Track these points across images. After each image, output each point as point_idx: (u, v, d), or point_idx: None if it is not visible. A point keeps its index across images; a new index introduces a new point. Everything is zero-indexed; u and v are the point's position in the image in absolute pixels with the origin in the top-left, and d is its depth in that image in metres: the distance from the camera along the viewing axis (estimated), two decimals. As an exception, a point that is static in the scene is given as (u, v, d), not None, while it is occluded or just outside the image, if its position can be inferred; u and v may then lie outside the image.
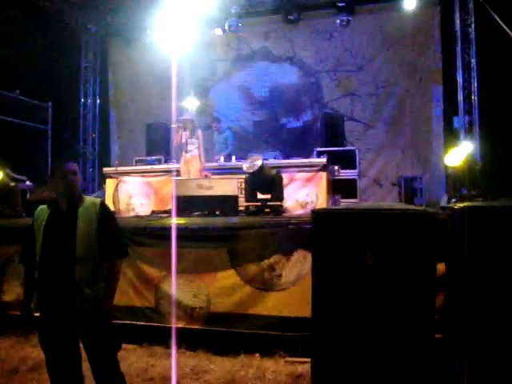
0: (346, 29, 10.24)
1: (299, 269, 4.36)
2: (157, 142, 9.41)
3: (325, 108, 10.15)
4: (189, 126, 7.31)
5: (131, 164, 8.83)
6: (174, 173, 7.51)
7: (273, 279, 4.43)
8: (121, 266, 2.92)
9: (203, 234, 4.72)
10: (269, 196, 6.06)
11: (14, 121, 9.91)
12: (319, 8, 10.57)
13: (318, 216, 2.63)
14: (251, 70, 11.21)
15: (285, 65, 10.95)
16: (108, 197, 7.85)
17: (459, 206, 2.49)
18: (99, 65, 12.31)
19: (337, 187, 7.54)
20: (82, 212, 2.77)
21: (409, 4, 9.59)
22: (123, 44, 11.38)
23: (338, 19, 10.04)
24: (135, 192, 7.84)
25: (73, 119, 11.83)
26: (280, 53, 10.95)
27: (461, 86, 9.65)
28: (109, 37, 11.93)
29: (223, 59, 11.32)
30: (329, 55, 10.63)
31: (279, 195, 6.18)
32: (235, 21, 10.44)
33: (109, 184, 8.04)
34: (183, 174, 7.31)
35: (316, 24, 10.63)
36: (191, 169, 7.28)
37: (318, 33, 10.64)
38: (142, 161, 8.65)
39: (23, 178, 7.90)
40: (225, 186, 6.15)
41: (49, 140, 10.79)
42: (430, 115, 9.93)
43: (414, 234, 2.41)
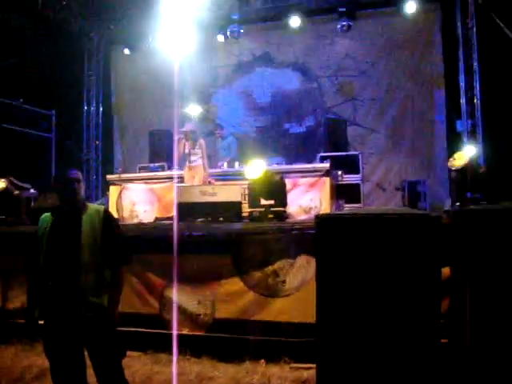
0: (348, 34, 10.24)
1: (303, 274, 4.35)
2: (160, 149, 9.41)
3: (327, 113, 10.15)
4: (190, 137, 7.29)
5: (134, 171, 8.84)
6: (177, 179, 7.52)
7: (277, 285, 4.43)
8: (125, 274, 2.93)
9: (207, 241, 4.72)
10: (272, 202, 6.05)
11: (18, 129, 9.97)
12: (320, 13, 10.60)
13: (322, 221, 2.63)
14: (253, 76, 11.22)
15: (287, 70, 10.97)
16: (111, 204, 7.85)
17: (463, 210, 2.49)
18: (102, 72, 12.36)
19: (340, 192, 7.52)
20: (86, 219, 2.78)
21: (410, 8, 9.61)
22: (126, 52, 11.42)
23: (339, 24, 10.06)
24: (139, 199, 7.84)
25: (76, 127, 11.87)
26: (282, 58, 10.97)
27: (463, 90, 9.63)
28: (111, 45, 12.00)
29: (225, 65, 11.35)
30: (330, 60, 10.64)
31: (283, 201, 6.17)
32: (237, 27, 10.46)
33: (112, 191, 8.04)
34: (187, 183, 7.29)
35: (317, 29, 10.64)
36: (195, 178, 7.26)
37: (320, 38, 10.65)
38: (145, 168, 8.65)
39: (27, 186, 7.90)
40: (228, 192, 6.14)
41: (53, 148, 10.84)
42: (433, 119, 9.90)
43: (419, 239, 2.41)
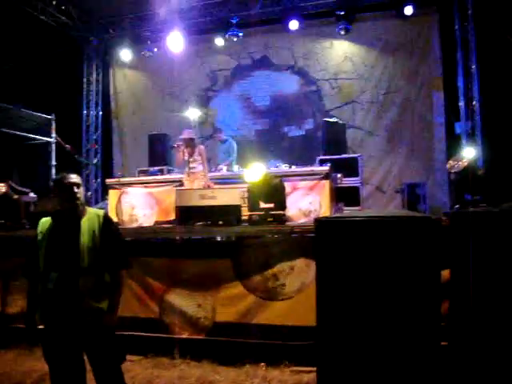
0: (346, 37, 10.30)
1: (303, 277, 4.35)
2: (159, 153, 9.39)
3: (326, 116, 10.15)
4: (189, 144, 7.26)
5: (134, 175, 8.83)
6: (177, 183, 7.52)
7: (277, 288, 4.42)
8: (125, 278, 2.93)
9: (206, 244, 4.72)
10: (272, 205, 6.05)
11: (18, 133, 9.96)
12: (319, 17, 10.63)
13: (321, 224, 2.63)
14: (252, 80, 11.26)
15: (286, 74, 10.99)
16: (111, 208, 7.84)
17: (462, 212, 2.49)
18: (101, 76, 12.40)
19: (340, 195, 7.51)
20: (86, 223, 2.78)
21: (408, 11, 9.64)
22: (125, 56, 11.45)
23: (338, 28, 10.10)
24: (138, 203, 7.82)
25: (75, 131, 11.89)
26: (281, 62, 11.00)
27: (462, 92, 9.66)
28: (110, 49, 12.02)
29: (224, 69, 11.38)
30: (329, 63, 10.68)
31: (282, 204, 6.16)
32: (236, 30, 10.50)
33: (112, 195, 8.02)
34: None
35: (316, 33, 10.68)
36: (195, 183, 7.23)
37: (319, 41, 10.70)
38: (145, 171, 8.63)
39: (27, 190, 7.89)
40: (227, 196, 6.12)
41: (52, 152, 10.84)
42: (432, 121, 9.92)
43: (418, 241, 2.41)
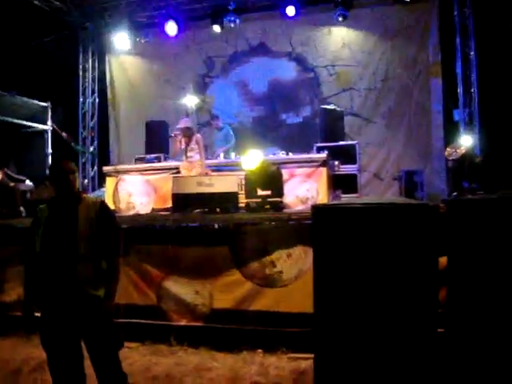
0: (344, 23, 10.19)
1: (300, 264, 4.36)
2: (156, 140, 9.34)
3: (324, 103, 10.09)
4: (186, 134, 7.23)
5: (131, 162, 8.80)
6: (174, 170, 7.49)
7: (274, 275, 4.43)
8: (122, 265, 2.92)
9: (204, 232, 4.72)
10: (269, 192, 6.04)
11: (13, 121, 9.90)
12: (317, 3, 10.52)
13: (318, 211, 2.62)
14: (249, 66, 11.15)
15: (283, 60, 10.90)
16: (108, 195, 7.81)
17: (460, 199, 2.48)
18: (97, 63, 12.26)
19: (337, 182, 7.50)
20: (83, 211, 2.77)
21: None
22: (121, 42, 11.30)
23: (336, 14, 9.99)
24: (135, 190, 7.79)
25: (72, 118, 11.81)
26: (278, 48, 10.89)
27: (460, 79, 9.61)
28: (106, 34, 11.85)
29: (221, 55, 11.27)
30: (327, 50, 10.58)
31: (279, 191, 6.16)
32: (233, 17, 10.37)
33: (108, 183, 7.99)
34: None
35: (314, 19, 10.56)
36: (192, 172, 7.21)
37: (317, 28, 10.59)
38: (142, 159, 8.60)
39: (23, 178, 7.88)
40: (225, 183, 6.12)
41: (48, 139, 10.79)
42: (430, 108, 9.87)
43: (415, 228, 2.40)
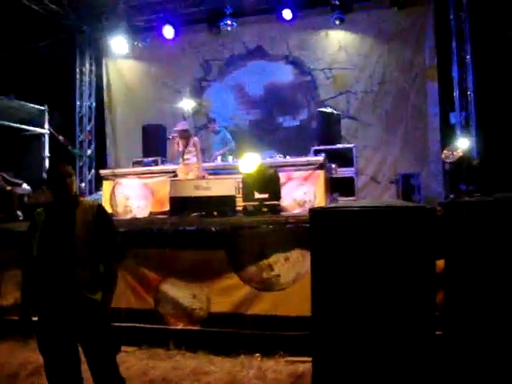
0: (341, 26, 10.22)
1: (298, 268, 4.35)
2: (153, 144, 9.34)
3: (321, 106, 10.10)
4: (184, 136, 7.23)
5: (128, 166, 8.78)
6: (171, 173, 7.49)
7: (272, 279, 4.42)
8: (119, 269, 2.91)
9: (201, 235, 4.71)
10: (266, 195, 6.05)
11: (11, 124, 9.88)
12: (313, 6, 10.54)
13: (316, 214, 2.62)
14: (246, 70, 11.16)
15: (280, 63, 10.91)
16: (105, 199, 7.80)
17: (457, 202, 2.49)
18: (94, 66, 12.26)
19: (334, 185, 7.52)
20: (80, 214, 2.76)
21: (402, 0, 9.58)
22: (118, 45, 11.30)
23: (333, 17, 10.02)
24: (132, 194, 7.79)
25: (69, 121, 11.79)
26: (275, 52, 10.91)
27: (456, 82, 9.65)
28: (103, 38, 11.84)
29: (218, 59, 11.28)
30: (324, 53, 10.61)
31: (277, 194, 6.17)
32: (230, 20, 10.39)
33: (106, 186, 7.98)
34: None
35: (310, 22, 10.58)
36: (190, 175, 7.21)
37: (313, 31, 10.62)
38: (139, 162, 8.60)
39: (20, 182, 7.85)
40: (222, 186, 6.13)
41: (46, 143, 10.77)
42: (427, 112, 9.90)
43: (413, 231, 2.40)
